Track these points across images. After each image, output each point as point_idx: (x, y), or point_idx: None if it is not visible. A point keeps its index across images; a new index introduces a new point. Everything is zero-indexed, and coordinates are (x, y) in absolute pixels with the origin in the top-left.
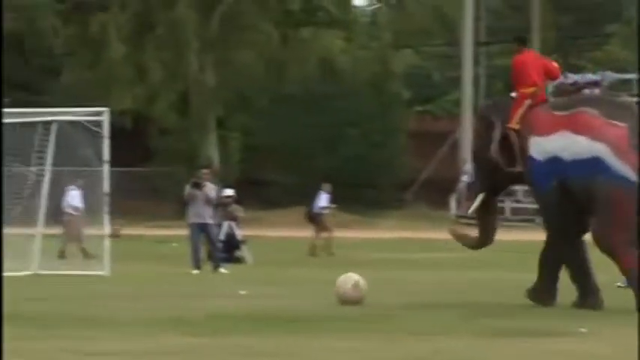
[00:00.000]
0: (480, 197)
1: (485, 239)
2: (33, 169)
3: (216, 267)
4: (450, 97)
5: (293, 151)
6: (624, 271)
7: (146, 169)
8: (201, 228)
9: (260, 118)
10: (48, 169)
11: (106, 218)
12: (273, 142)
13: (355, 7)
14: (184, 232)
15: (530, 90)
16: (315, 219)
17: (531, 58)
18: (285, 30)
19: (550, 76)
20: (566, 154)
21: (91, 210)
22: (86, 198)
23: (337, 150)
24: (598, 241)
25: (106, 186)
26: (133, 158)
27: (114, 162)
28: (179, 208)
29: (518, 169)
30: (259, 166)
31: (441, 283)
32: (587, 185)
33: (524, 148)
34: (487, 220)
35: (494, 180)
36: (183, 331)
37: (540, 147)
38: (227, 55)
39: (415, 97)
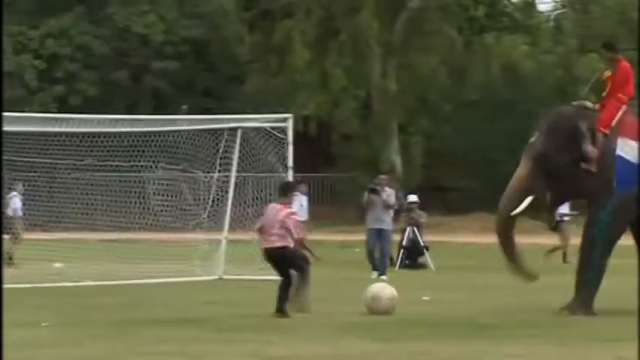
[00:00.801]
0: (527, 200)
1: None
2: (217, 175)
3: (380, 274)
4: None
5: (475, 156)
6: None
7: (328, 174)
8: (379, 233)
9: (442, 124)
10: (233, 175)
11: None
12: (455, 147)
13: (539, 12)
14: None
15: (626, 98)
16: (557, 226)
17: (630, 67)
18: (469, 35)
19: None
20: None
21: None
22: (268, 203)
23: (520, 155)
24: None
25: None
26: (316, 164)
27: (297, 168)
28: (361, 214)
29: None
30: (441, 171)
31: (620, 290)
32: None
33: (609, 150)
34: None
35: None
36: (366, 335)
37: (631, 148)
38: (409, 60)
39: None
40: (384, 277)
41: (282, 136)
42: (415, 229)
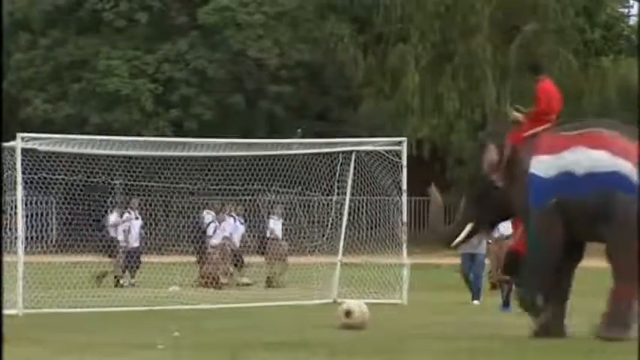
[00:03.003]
0: (468, 227)
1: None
2: (336, 198)
3: (473, 298)
4: None
5: None
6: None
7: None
8: (472, 257)
9: None
10: (347, 198)
11: (404, 248)
12: None
13: None
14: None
15: (548, 117)
16: None
17: (552, 86)
18: (585, 58)
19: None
20: (580, 169)
21: (385, 239)
22: (382, 227)
23: None
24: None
25: (404, 216)
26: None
27: (412, 191)
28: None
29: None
30: None
31: None
32: (603, 199)
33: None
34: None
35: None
36: None
37: (546, 164)
38: (524, 84)
39: None
40: (476, 302)
41: (396, 160)
42: None
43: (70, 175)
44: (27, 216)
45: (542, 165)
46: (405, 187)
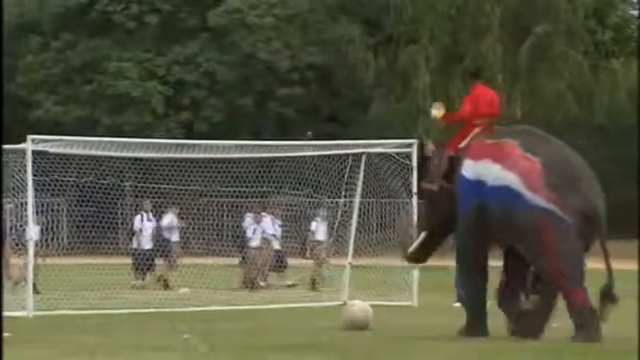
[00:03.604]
0: (421, 235)
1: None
2: (343, 200)
3: None
4: None
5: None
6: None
7: None
8: None
9: None
10: (357, 200)
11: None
12: None
13: None
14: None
15: (479, 121)
16: None
17: (483, 91)
18: (595, 60)
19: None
20: (488, 180)
21: (395, 241)
22: (392, 229)
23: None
24: (546, 280)
25: (415, 218)
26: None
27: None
28: None
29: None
30: None
31: None
32: (503, 212)
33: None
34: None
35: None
36: None
37: (471, 169)
38: (534, 85)
39: None
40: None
41: (406, 162)
42: None
43: (80, 177)
44: (37, 218)
45: (469, 168)
46: (415, 189)
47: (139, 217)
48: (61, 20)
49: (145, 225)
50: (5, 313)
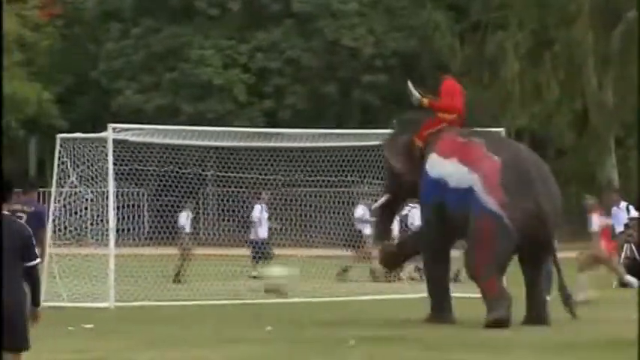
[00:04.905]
0: (384, 197)
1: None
2: None
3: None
4: None
5: None
6: (485, 296)
7: None
8: None
9: None
10: None
11: None
12: None
13: None
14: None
15: (451, 116)
16: None
17: (457, 86)
18: None
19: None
20: (451, 181)
21: None
22: None
23: None
24: (467, 267)
25: None
26: None
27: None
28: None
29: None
30: None
31: None
32: (462, 212)
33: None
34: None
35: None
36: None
37: (436, 165)
38: (627, 72)
39: None
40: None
41: None
42: (633, 246)
43: (161, 166)
44: (118, 208)
45: (434, 164)
46: None
47: (258, 206)
48: (141, 6)
49: (263, 215)
50: (87, 304)
